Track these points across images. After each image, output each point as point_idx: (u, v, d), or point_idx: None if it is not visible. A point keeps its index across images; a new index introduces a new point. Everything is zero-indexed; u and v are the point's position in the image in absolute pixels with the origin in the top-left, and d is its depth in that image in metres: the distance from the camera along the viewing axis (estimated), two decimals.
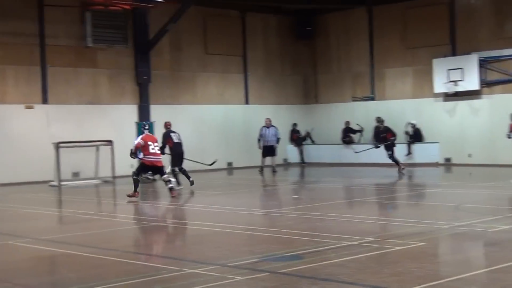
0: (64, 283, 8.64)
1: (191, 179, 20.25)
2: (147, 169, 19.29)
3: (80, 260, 10.07)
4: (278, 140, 26.13)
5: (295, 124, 31.31)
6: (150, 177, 22.57)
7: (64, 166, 23.03)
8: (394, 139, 24.27)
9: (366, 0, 30.15)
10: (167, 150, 20.39)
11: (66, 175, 23.40)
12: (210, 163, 24.06)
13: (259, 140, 26.00)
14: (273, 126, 26.07)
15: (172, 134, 20.40)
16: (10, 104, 24.03)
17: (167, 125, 20.86)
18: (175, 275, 8.72)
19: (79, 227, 13.79)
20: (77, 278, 8.79)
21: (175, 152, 20.38)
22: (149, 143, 18.43)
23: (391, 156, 24.13)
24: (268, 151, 25.86)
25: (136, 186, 18.04)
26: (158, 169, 18.69)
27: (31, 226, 14.01)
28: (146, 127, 19.38)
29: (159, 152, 18.66)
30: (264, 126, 26.12)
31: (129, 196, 18.02)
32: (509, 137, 22.37)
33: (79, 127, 24.78)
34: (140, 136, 19.00)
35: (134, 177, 18.29)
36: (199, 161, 23.62)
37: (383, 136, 24.33)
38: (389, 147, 24.22)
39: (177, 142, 20.38)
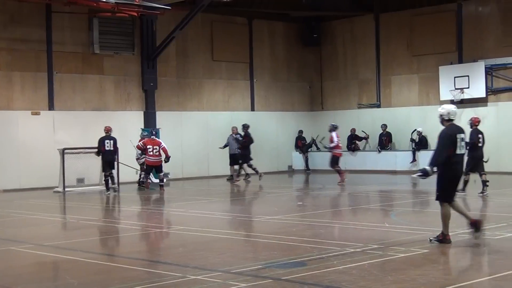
0: None
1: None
2: (150, 169, 22.72)
3: (82, 266, 10.07)
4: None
5: (300, 131, 31.30)
6: (143, 186, 23.25)
7: (69, 172, 23.06)
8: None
9: (373, 7, 30.18)
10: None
11: (71, 181, 23.41)
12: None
13: (225, 146, 25.98)
14: (239, 134, 25.82)
15: (106, 141, 21.87)
16: (16, 110, 24.08)
17: (106, 130, 22.21)
18: (178, 281, 8.72)
19: (82, 233, 13.80)
20: (79, 284, 8.79)
21: (105, 159, 22.00)
22: (149, 146, 22.23)
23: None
24: (234, 159, 25.70)
25: (146, 178, 22.71)
26: (157, 168, 22.57)
27: (34, 232, 14.03)
28: (154, 132, 23.11)
29: (157, 154, 22.20)
30: (230, 135, 26.00)
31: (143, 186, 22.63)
32: None
33: (85, 133, 24.80)
34: (142, 140, 22.61)
35: (146, 174, 22.82)
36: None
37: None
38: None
39: (108, 150, 21.86)
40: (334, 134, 23.31)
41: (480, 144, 18.12)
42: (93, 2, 23.46)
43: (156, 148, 22.26)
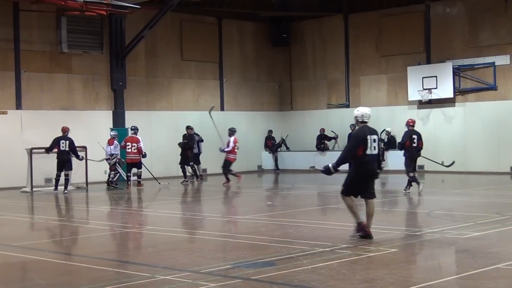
0: None
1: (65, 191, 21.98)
2: (130, 166, 23.40)
3: (50, 267, 9.99)
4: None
5: (270, 131, 31.35)
6: (116, 186, 23.44)
7: (36, 172, 22.85)
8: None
9: (342, 7, 30.32)
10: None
11: (38, 181, 23.21)
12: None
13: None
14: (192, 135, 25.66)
15: (61, 141, 22.02)
16: None
17: (62, 130, 22.37)
18: (147, 281, 8.68)
19: (50, 234, 13.70)
20: (47, 285, 8.72)
21: (59, 159, 22.11)
22: (128, 143, 23.06)
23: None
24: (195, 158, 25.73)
25: (127, 178, 23.52)
26: (135, 165, 23.27)
27: (1, 232, 13.88)
28: (132, 129, 23.48)
29: (135, 151, 22.91)
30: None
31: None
32: None
33: (53, 133, 24.54)
34: (124, 138, 23.45)
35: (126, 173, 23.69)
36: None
37: None
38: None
39: (62, 150, 22.03)
40: (232, 138, 23.66)
41: (414, 145, 18.86)
42: (61, 1, 23.24)
43: (134, 146, 22.94)
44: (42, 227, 15.03)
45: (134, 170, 23.43)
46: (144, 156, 23.32)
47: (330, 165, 11.45)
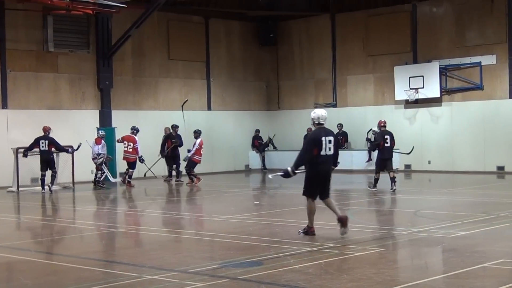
0: None
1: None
2: (127, 165, 23.47)
3: (37, 267, 9.95)
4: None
5: (257, 131, 31.34)
6: (103, 185, 23.38)
7: (23, 171, 22.76)
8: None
9: (329, 7, 30.35)
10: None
11: (25, 180, 23.12)
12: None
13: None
14: (178, 134, 25.72)
15: (41, 141, 21.96)
16: None
17: (43, 130, 22.28)
18: (134, 281, 8.66)
19: (36, 233, 13.63)
20: (33, 285, 8.68)
21: (41, 158, 22.03)
22: (125, 142, 23.49)
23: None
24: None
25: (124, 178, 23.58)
26: (130, 164, 23.42)
27: None
28: (132, 128, 23.69)
29: (130, 150, 23.24)
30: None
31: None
32: None
33: (39, 132, 24.42)
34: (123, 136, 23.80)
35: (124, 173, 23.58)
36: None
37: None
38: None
39: (43, 149, 21.91)
40: (198, 141, 23.88)
41: (387, 145, 19.56)
42: (47, 0, 23.17)
43: (130, 145, 23.26)
44: (28, 227, 14.96)
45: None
46: (141, 160, 23.53)
47: (289, 168, 11.84)
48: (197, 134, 24.13)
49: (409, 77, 27.29)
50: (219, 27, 30.82)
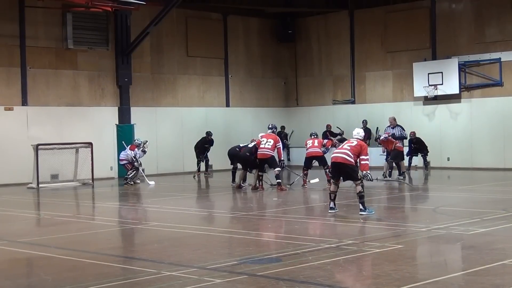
0: (40, 286, 8.59)
1: None
2: (261, 162, 20.50)
3: (56, 263, 10.01)
4: None
5: (282, 127, 30.96)
6: (131, 183, 23.01)
7: (43, 168, 22.90)
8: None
9: (347, 4, 30.27)
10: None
11: (44, 177, 23.26)
12: None
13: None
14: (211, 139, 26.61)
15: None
16: None
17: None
18: (152, 278, 8.69)
19: (56, 230, 13.71)
20: (53, 280, 8.74)
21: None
22: (263, 139, 20.35)
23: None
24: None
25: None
26: (265, 161, 20.41)
27: (7, 228, 13.93)
28: (270, 127, 20.89)
29: (268, 146, 20.04)
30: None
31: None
32: None
33: (59, 129, 24.66)
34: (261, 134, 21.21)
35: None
36: None
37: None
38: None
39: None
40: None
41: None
42: None
43: (269, 142, 20.17)
44: (48, 223, 15.06)
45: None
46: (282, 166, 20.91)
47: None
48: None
49: (428, 74, 27.16)
50: (237, 24, 30.83)
